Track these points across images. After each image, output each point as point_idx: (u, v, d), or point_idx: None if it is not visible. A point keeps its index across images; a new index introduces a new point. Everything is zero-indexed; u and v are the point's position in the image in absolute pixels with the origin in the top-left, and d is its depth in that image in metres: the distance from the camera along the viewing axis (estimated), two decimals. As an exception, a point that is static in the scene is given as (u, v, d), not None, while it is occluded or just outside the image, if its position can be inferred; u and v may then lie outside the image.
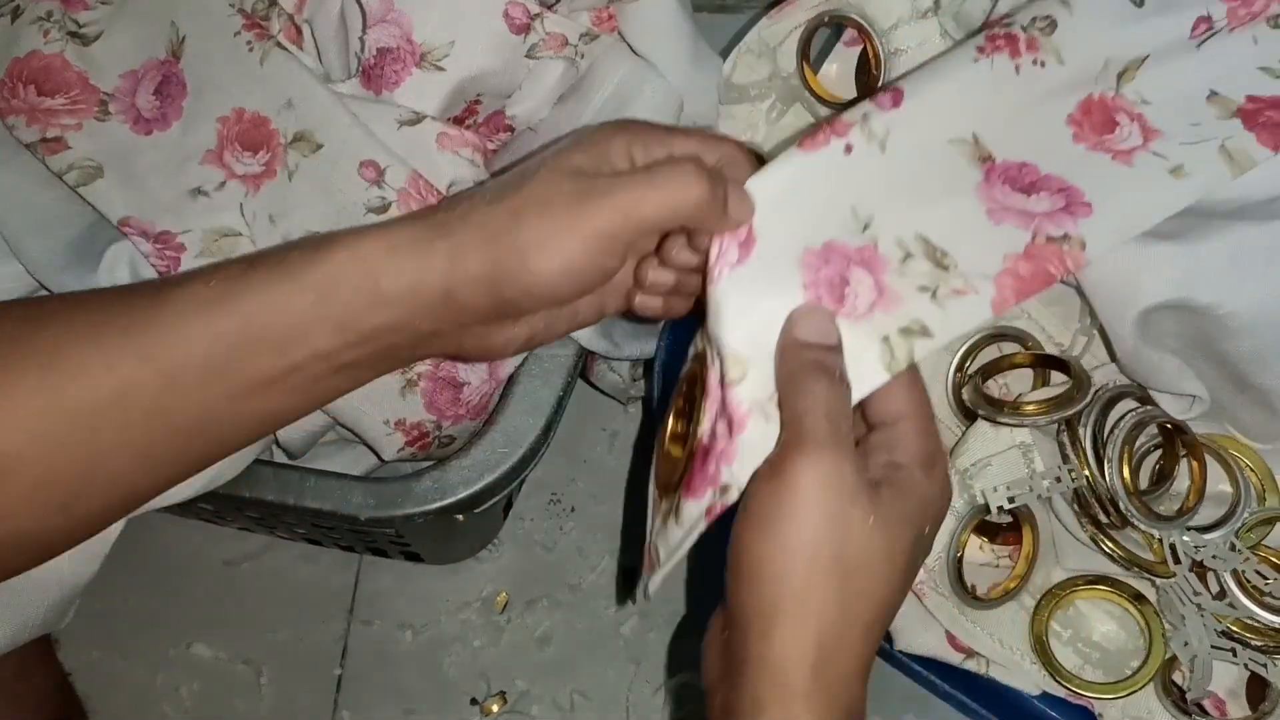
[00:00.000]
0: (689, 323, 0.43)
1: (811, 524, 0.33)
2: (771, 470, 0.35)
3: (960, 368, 0.50)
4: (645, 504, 0.43)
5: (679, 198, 0.36)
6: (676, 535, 0.38)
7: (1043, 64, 0.42)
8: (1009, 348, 0.51)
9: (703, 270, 0.39)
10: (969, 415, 0.49)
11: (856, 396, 0.36)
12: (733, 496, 0.36)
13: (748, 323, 0.38)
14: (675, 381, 0.43)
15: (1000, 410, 0.47)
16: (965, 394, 0.49)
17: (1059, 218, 0.40)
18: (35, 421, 0.33)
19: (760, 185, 0.39)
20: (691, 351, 0.43)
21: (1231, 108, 0.42)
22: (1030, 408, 0.46)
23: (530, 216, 0.35)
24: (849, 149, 0.40)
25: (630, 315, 0.43)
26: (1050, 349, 0.51)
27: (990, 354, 0.51)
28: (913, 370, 0.37)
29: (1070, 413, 0.46)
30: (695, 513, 0.37)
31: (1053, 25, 0.43)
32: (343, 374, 0.37)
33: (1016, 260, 0.39)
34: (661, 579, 0.40)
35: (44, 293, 0.52)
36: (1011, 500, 0.46)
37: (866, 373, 0.37)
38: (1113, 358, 0.49)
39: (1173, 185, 0.41)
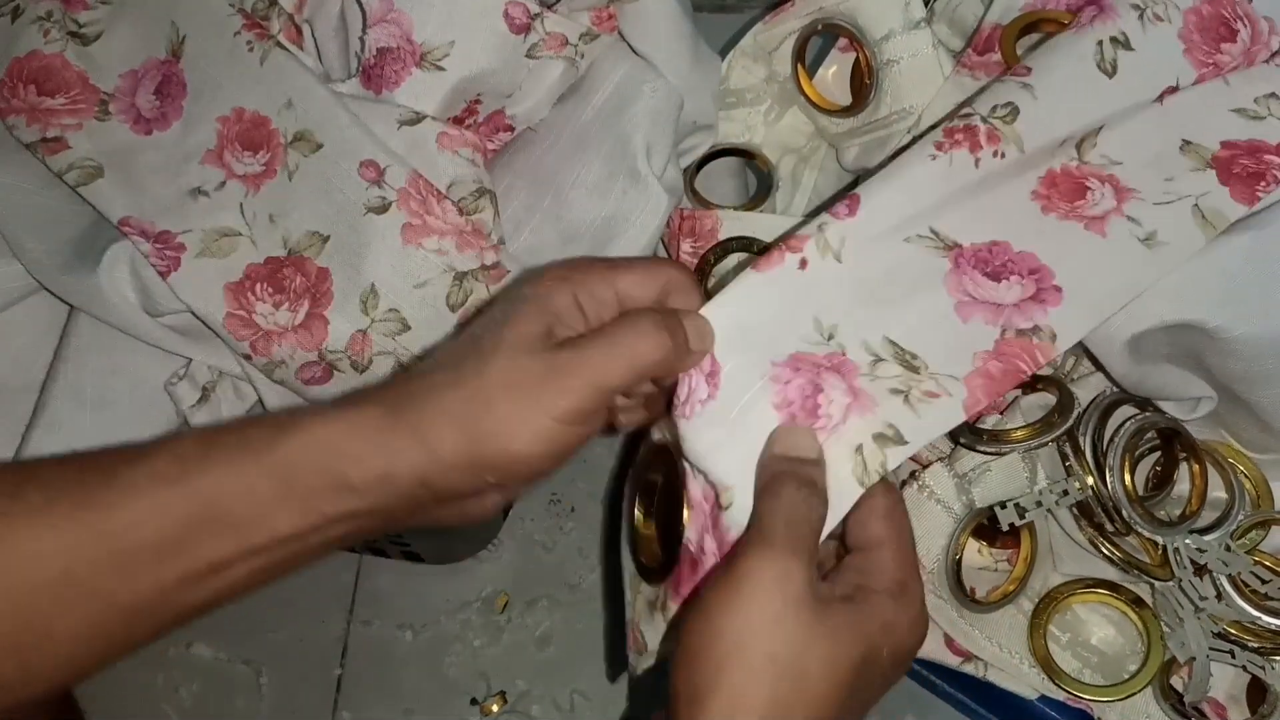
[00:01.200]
0: None
1: (751, 619, 0.33)
2: (725, 565, 0.35)
3: None
4: (621, 564, 0.43)
5: (643, 358, 0.36)
6: (663, 629, 0.39)
7: (1003, 155, 0.42)
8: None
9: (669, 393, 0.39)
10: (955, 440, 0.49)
11: (836, 512, 0.36)
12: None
13: (729, 454, 0.37)
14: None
15: (980, 439, 0.47)
16: None
17: (1028, 308, 0.39)
18: None
19: (717, 312, 0.39)
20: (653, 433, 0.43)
21: (1206, 156, 0.42)
22: (1017, 434, 0.46)
23: (500, 403, 0.34)
24: (804, 264, 0.40)
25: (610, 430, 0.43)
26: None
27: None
28: (894, 495, 0.37)
29: (1053, 437, 0.46)
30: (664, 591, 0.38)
31: (1015, 112, 0.42)
32: (304, 552, 0.36)
33: (987, 359, 0.38)
34: (650, 665, 0.40)
35: (44, 293, 0.53)
36: (1022, 516, 0.46)
37: (843, 489, 0.36)
38: (1119, 388, 0.48)
39: (1146, 258, 0.40)
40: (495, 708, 0.69)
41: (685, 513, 0.39)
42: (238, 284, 0.48)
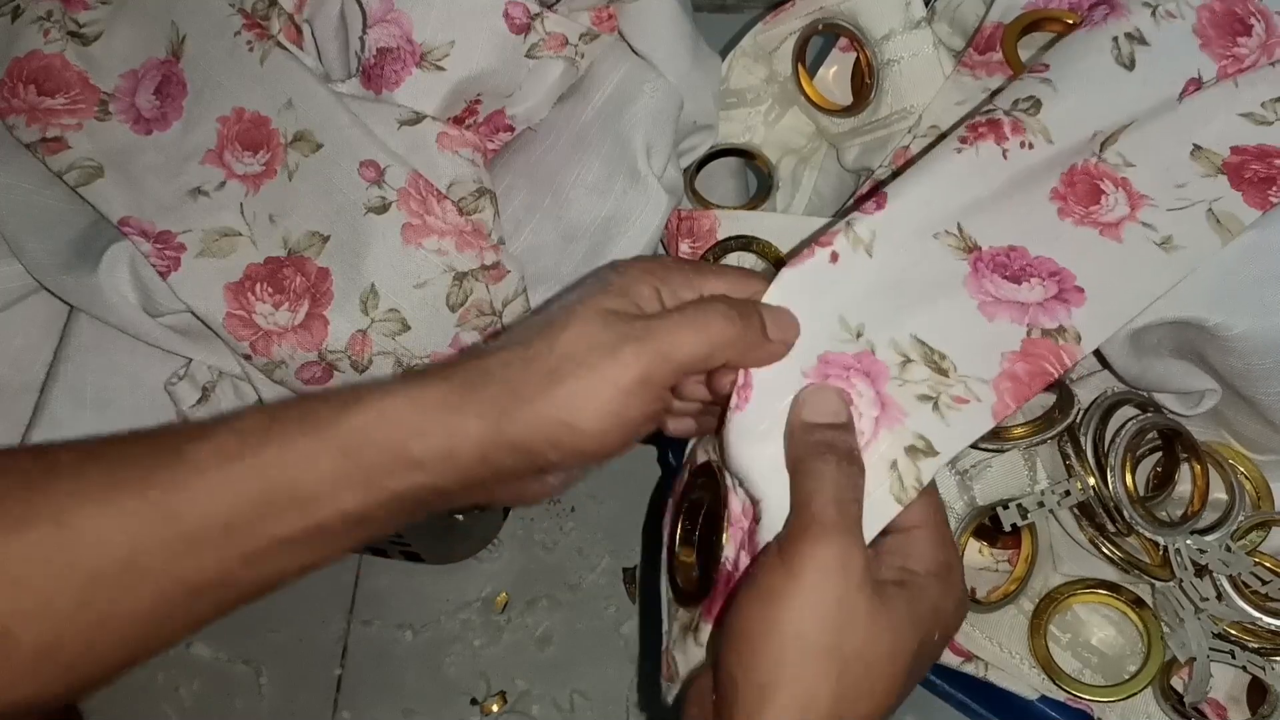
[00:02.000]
0: None
1: (813, 609, 0.32)
2: (779, 550, 0.34)
3: None
4: (659, 591, 0.43)
5: (716, 335, 0.35)
6: (696, 655, 0.38)
7: (1030, 145, 0.41)
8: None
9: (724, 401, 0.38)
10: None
11: (872, 530, 0.35)
12: None
13: (761, 467, 0.37)
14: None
15: (981, 437, 0.47)
16: None
17: (1052, 308, 0.39)
18: (45, 583, 0.31)
19: None
20: (692, 445, 0.43)
21: (1216, 162, 0.42)
22: (1017, 431, 0.46)
23: (568, 373, 0.34)
24: (835, 257, 0.39)
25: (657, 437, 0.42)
26: None
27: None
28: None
29: (1053, 433, 0.46)
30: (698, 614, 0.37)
31: (1037, 105, 0.42)
32: (366, 527, 0.35)
33: (1014, 360, 0.38)
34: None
35: (44, 293, 0.53)
36: (1025, 517, 0.46)
37: (879, 509, 0.36)
38: (1113, 372, 0.48)
39: (1164, 262, 0.40)
40: (495, 708, 0.69)
41: (725, 530, 0.38)
42: (238, 284, 0.48)
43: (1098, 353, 0.49)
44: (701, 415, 0.41)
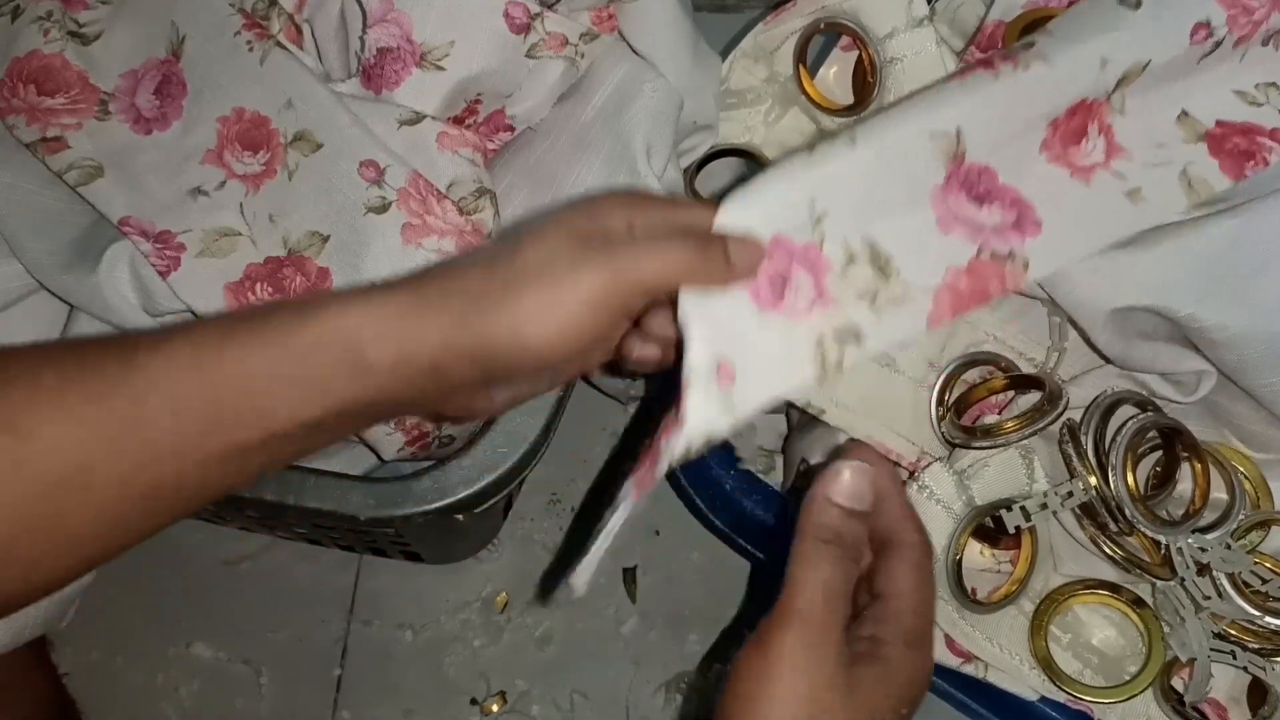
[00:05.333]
0: None
1: (785, 699, 0.33)
2: (758, 640, 0.35)
3: (941, 401, 0.50)
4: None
5: (676, 259, 0.35)
6: (607, 520, 0.38)
7: (1026, 66, 0.41)
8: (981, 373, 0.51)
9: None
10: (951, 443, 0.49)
11: (780, 390, 0.37)
12: (662, 469, 0.36)
13: (695, 324, 0.37)
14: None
15: (975, 436, 0.47)
16: (944, 429, 0.49)
17: (1007, 234, 0.40)
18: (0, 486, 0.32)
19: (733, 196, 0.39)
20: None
21: (1200, 131, 0.42)
22: (1009, 425, 0.46)
23: (526, 283, 0.34)
24: (813, 147, 0.40)
25: (614, 369, 0.42)
26: (1025, 366, 0.50)
27: (972, 377, 0.51)
28: (928, 542, 0.38)
29: (1043, 425, 0.46)
30: (626, 487, 0.37)
31: (1030, 44, 0.42)
32: (317, 435, 0.36)
33: (958, 275, 0.39)
34: (589, 568, 0.38)
35: (44, 292, 0.53)
36: (1028, 519, 0.46)
37: (795, 372, 0.37)
38: (1106, 360, 0.48)
39: (1127, 209, 0.41)
40: (495, 708, 0.69)
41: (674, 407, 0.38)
42: (238, 284, 0.48)
43: (1094, 347, 0.49)
44: (667, 349, 0.40)
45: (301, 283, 0.48)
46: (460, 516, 0.53)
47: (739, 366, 0.37)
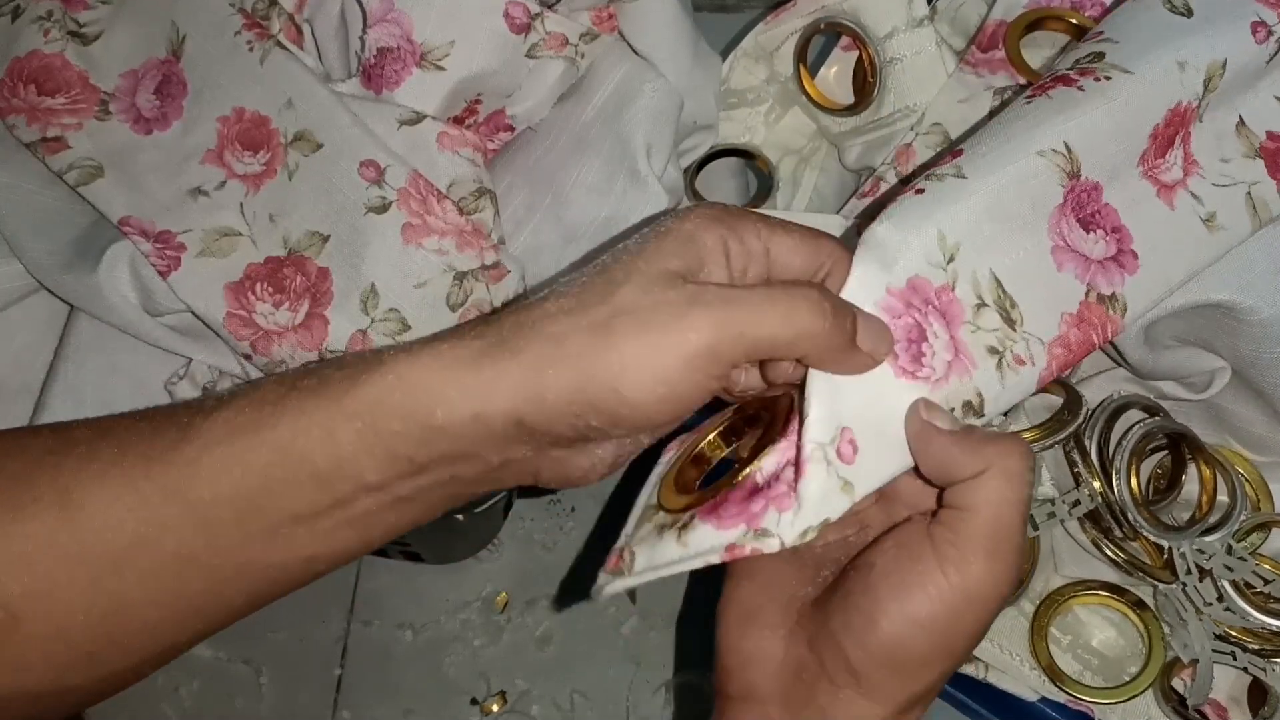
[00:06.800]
0: None
1: (969, 624, 0.32)
2: (945, 556, 0.32)
3: None
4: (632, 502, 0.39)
5: (801, 323, 0.31)
6: (672, 553, 0.34)
7: (1106, 77, 0.39)
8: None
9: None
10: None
11: (900, 468, 0.34)
12: (771, 546, 0.32)
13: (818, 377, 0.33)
14: None
15: None
16: None
17: (1110, 270, 0.38)
18: (52, 565, 0.30)
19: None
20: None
21: (1255, 144, 0.41)
22: (1027, 435, 0.46)
23: (624, 332, 0.30)
24: (920, 190, 0.37)
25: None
26: None
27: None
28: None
29: (1064, 435, 0.45)
30: (713, 542, 0.33)
31: (1099, 56, 0.40)
32: (400, 507, 0.33)
33: (1070, 324, 0.37)
34: (623, 588, 0.35)
35: (44, 292, 0.53)
36: (1035, 528, 0.46)
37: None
38: (1127, 367, 0.48)
39: (1206, 239, 0.39)
40: (495, 708, 0.69)
41: (776, 440, 0.34)
42: (238, 283, 0.48)
43: (1113, 355, 0.49)
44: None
45: (301, 282, 0.48)
46: (460, 516, 0.53)
47: (863, 439, 0.33)
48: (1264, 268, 0.42)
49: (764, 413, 0.37)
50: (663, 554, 0.34)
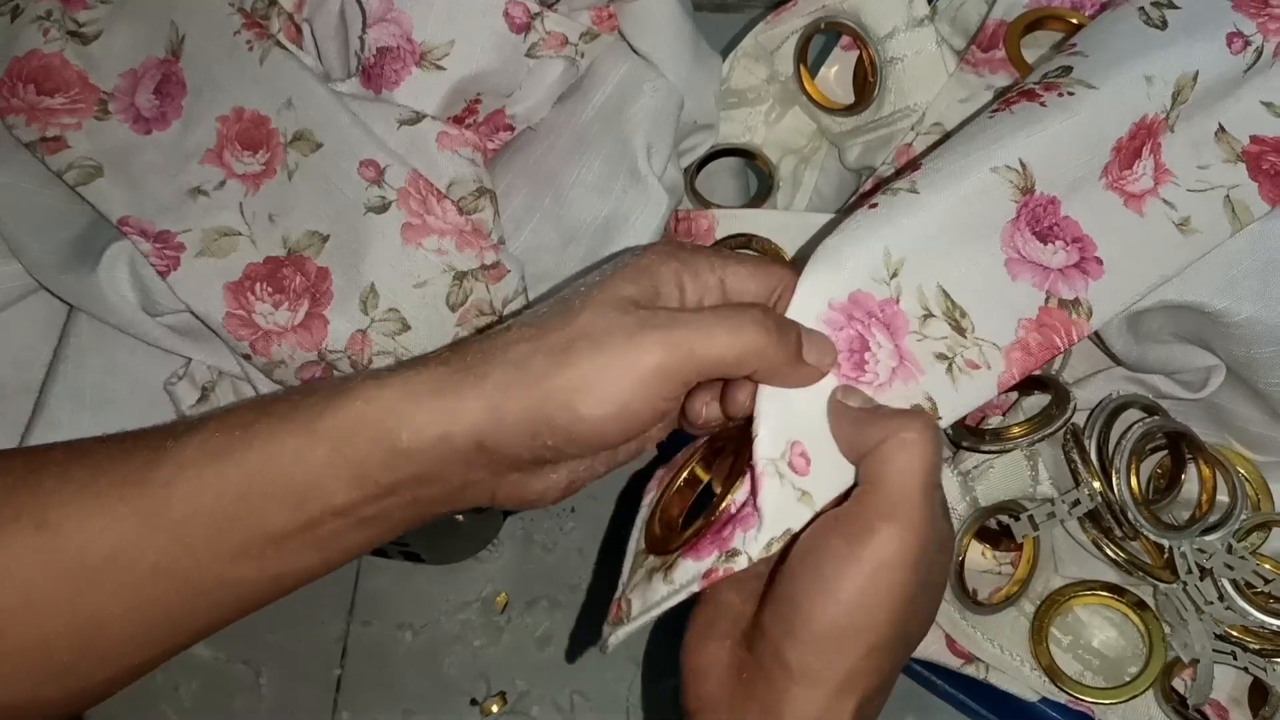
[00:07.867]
0: None
1: (880, 605, 0.32)
2: (849, 529, 0.33)
3: None
4: (625, 545, 0.41)
5: (748, 340, 0.33)
6: (660, 592, 0.36)
7: (1070, 93, 0.40)
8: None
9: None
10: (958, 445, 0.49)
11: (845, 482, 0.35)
12: (740, 564, 0.33)
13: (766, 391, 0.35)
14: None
15: (983, 440, 0.47)
16: (950, 431, 0.49)
17: (1072, 276, 0.39)
18: (26, 581, 0.31)
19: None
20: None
21: (1237, 149, 0.41)
22: (1016, 430, 0.46)
23: (580, 354, 0.32)
24: (874, 206, 0.38)
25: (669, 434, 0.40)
26: None
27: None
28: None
29: (1051, 430, 0.46)
30: (691, 573, 0.35)
31: (1067, 70, 0.41)
32: (364, 529, 0.34)
33: (1029, 329, 0.38)
34: (625, 635, 0.37)
35: (44, 292, 0.52)
36: (1035, 528, 0.46)
37: None
38: (1115, 361, 0.48)
39: (1180, 243, 0.40)
40: (495, 708, 0.69)
41: (749, 471, 0.35)
42: (237, 283, 0.48)
43: (1102, 346, 0.49)
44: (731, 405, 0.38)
45: (301, 282, 0.48)
46: (460, 516, 0.53)
47: (815, 450, 0.34)
48: (1249, 266, 0.42)
49: (731, 444, 0.38)
50: (654, 594, 0.36)
